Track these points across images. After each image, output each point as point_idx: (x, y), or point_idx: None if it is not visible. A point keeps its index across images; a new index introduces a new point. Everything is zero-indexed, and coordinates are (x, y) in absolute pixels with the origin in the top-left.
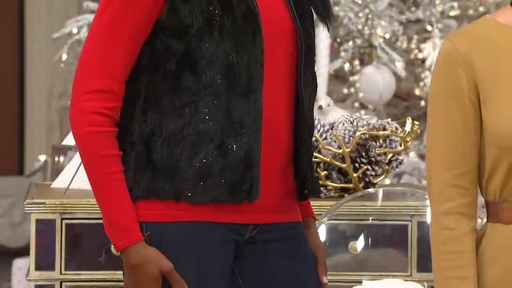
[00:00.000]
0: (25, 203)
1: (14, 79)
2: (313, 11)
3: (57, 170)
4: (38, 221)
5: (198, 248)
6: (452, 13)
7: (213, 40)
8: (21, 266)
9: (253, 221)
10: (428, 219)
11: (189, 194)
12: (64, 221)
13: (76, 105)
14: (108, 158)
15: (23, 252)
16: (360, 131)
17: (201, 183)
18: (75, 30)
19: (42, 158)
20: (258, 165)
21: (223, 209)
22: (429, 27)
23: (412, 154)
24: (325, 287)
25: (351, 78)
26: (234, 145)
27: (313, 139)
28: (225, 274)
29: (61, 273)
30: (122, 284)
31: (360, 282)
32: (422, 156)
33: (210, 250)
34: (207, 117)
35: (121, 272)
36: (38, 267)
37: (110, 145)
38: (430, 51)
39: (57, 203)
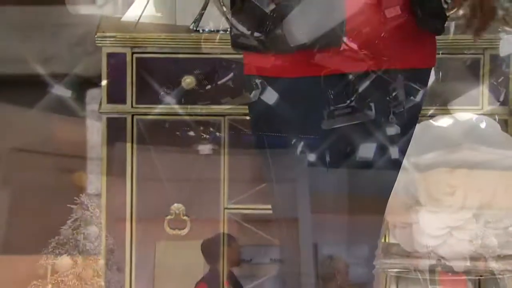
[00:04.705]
0: (96, 36)
1: None
2: None
3: (128, 1)
4: (109, 55)
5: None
6: None
7: None
8: (95, 96)
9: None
10: (502, 52)
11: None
12: (135, 55)
13: None
14: None
15: (98, 82)
16: None
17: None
18: None
19: None
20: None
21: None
22: None
23: None
24: None
25: None
26: None
27: None
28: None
29: (132, 107)
30: (192, 117)
31: (431, 116)
32: None
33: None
34: None
35: (190, 105)
36: (110, 100)
37: None
38: None
39: (128, 37)
